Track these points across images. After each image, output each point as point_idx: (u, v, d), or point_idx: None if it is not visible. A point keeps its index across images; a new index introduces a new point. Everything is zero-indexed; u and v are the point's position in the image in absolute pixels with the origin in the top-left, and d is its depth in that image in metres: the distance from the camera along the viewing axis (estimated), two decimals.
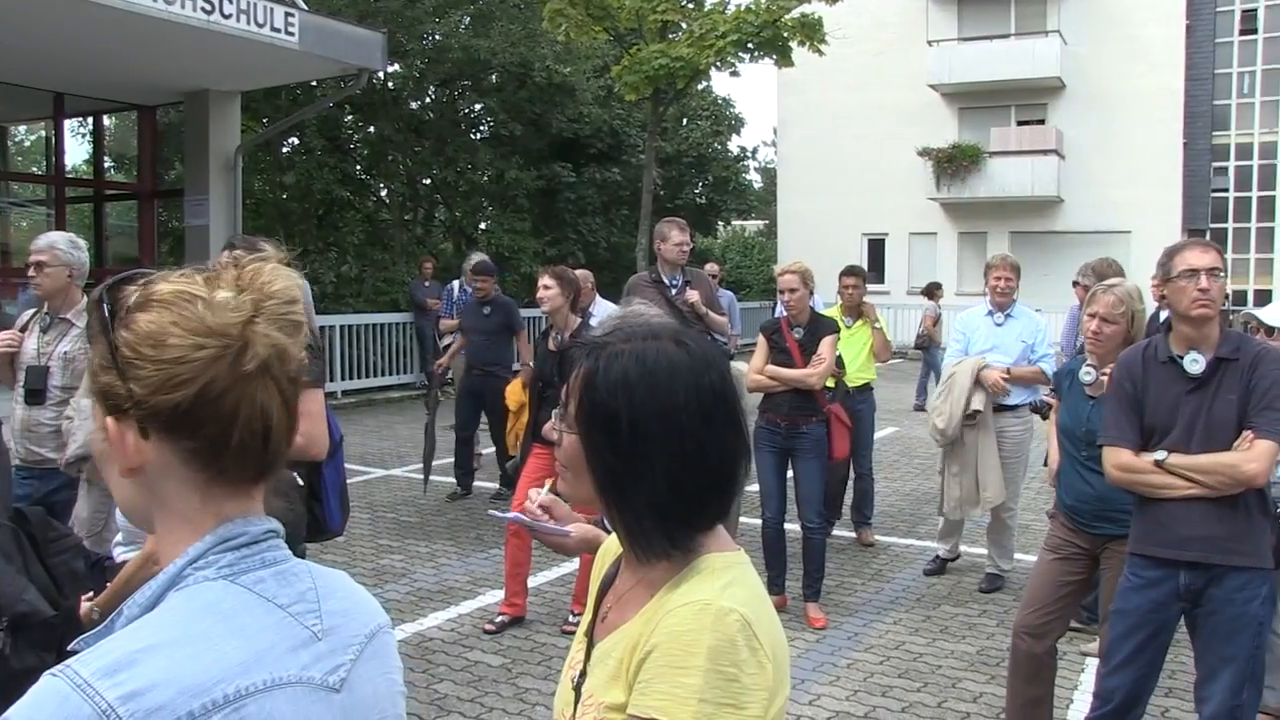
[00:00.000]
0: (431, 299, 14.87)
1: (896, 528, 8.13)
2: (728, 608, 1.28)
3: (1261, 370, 3.34)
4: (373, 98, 19.47)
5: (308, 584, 1.13)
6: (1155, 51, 26.81)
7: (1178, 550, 3.42)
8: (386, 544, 7.55)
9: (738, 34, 15.62)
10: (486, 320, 8.80)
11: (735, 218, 31.87)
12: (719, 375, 1.38)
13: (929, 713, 4.78)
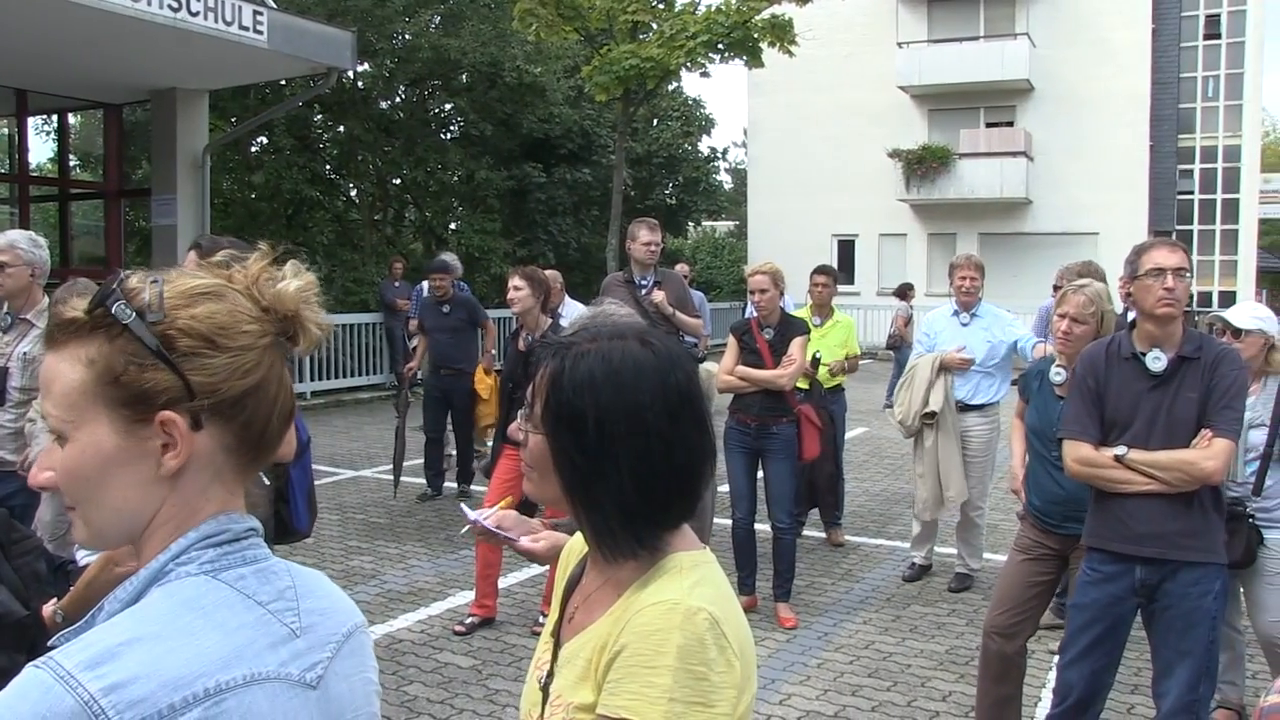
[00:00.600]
0: (401, 299, 14.81)
1: (866, 528, 8.16)
2: (696, 606, 1.28)
3: (1222, 370, 3.39)
4: (342, 97, 19.37)
5: (287, 582, 1.14)
6: (1122, 55, 27.07)
7: (1135, 546, 3.46)
8: (356, 545, 7.50)
9: (708, 35, 15.62)
10: (448, 318, 8.77)
11: (705, 218, 31.93)
12: (685, 375, 1.38)
13: (899, 711, 4.80)
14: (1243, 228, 32.36)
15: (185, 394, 1.05)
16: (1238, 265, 32.33)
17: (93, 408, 1.06)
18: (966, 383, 6.63)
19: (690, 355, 6.60)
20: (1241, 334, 4.27)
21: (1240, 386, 3.40)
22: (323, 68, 11.82)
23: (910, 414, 6.54)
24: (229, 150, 17.68)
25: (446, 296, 8.84)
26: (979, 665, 4.36)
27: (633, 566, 1.37)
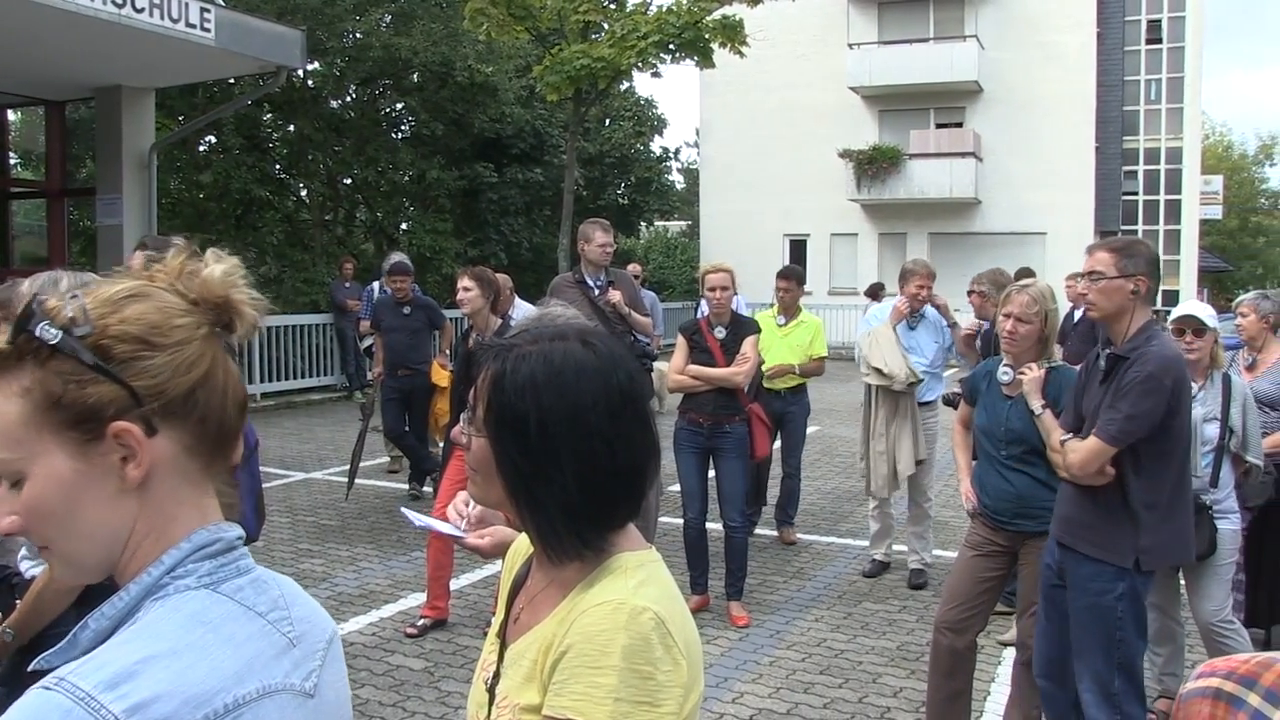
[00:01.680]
0: (352, 300, 14.69)
1: (818, 526, 8.21)
2: (641, 606, 1.28)
3: (1130, 371, 3.46)
4: (292, 96, 19.18)
5: (277, 591, 1.13)
6: (1068, 58, 27.45)
7: (1054, 525, 3.75)
8: (306, 548, 7.44)
9: (659, 35, 15.63)
10: (408, 320, 8.74)
11: (658, 218, 31.97)
12: (626, 375, 1.38)
13: (850, 708, 4.83)
14: (1185, 228, 32.93)
15: (132, 401, 1.02)
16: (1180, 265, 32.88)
17: (40, 439, 1.02)
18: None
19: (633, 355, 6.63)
20: (1204, 332, 4.39)
21: (1132, 387, 3.42)
22: (272, 66, 11.70)
23: (900, 369, 6.54)
24: (176, 149, 17.44)
25: (407, 298, 8.81)
26: (929, 660, 4.41)
27: (578, 567, 1.37)
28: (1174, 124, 33.84)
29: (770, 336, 7.41)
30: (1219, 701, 1.19)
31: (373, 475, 9.91)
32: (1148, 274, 3.52)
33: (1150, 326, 3.55)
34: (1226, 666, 1.22)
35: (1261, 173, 57.10)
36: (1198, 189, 33.73)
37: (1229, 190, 45.77)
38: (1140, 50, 34.10)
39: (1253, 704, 1.16)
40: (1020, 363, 4.14)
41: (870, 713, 4.79)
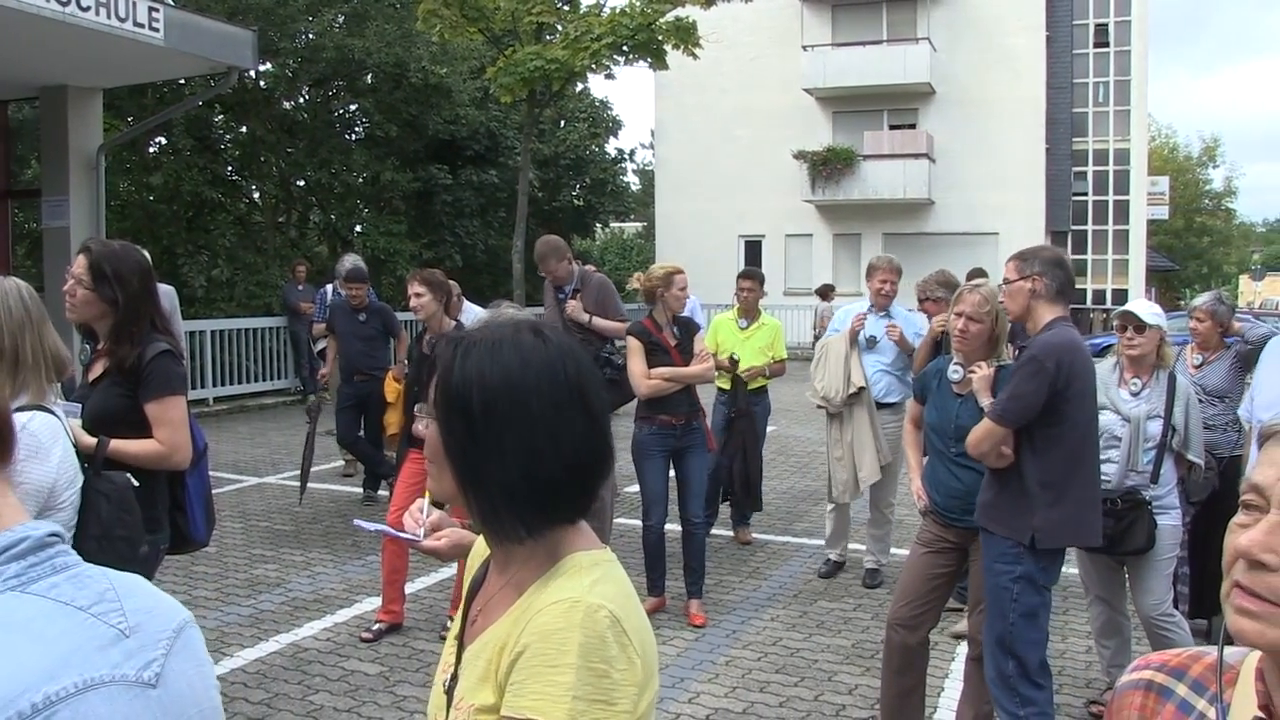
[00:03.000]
0: (305, 302, 14.58)
1: (774, 525, 8.25)
2: (596, 604, 1.29)
3: (1022, 357, 3.70)
4: (244, 97, 18.99)
5: (105, 584, 1.10)
6: (1018, 60, 27.80)
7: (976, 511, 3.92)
8: (260, 553, 7.37)
9: (613, 37, 15.64)
10: (363, 326, 8.67)
11: (613, 220, 32.02)
12: (575, 367, 1.39)
13: (805, 706, 4.86)
14: (1133, 228, 33.47)
15: None
16: (1129, 264, 33.40)
17: None
18: (878, 382, 6.77)
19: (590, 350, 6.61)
20: (1145, 328, 4.45)
21: (1020, 373, 3.66)
22: (223, 67, 11.59)
23: (834, 389, 6.64)
24: (125, 150, 17.22)
25: (363, 304, 8.74)
26: (883, 657, 4.44)
27: (532, 566, 1.39)
28: (1121, 126, 34.39)
29: (732, 339, 7.42)
30: (1150, 693, 1.23)
31: (327, 479, 9.84)
32: (1043, 272, 3.74)
33: (1056, 322, 3.73)
34: (1159, 659, 1.26)
35: (1205, 174, 58.10)
36: (1145, 189, 34.31)
37: (1175, 191, 46.55)
38: (1088, 53, 34.62)
39: (1180, 694, 1.20)
40: (970, 361, 4.19)
41: (826, 710, 4.82)
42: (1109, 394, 4.58)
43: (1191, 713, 1.18)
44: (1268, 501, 1.04)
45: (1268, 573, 1.01)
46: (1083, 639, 5.81)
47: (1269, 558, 1.01)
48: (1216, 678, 1.15)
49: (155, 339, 3.34)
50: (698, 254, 26.08)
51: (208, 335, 14.72)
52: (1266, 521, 1.03)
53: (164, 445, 3.30)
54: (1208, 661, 1.20)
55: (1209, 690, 1.17)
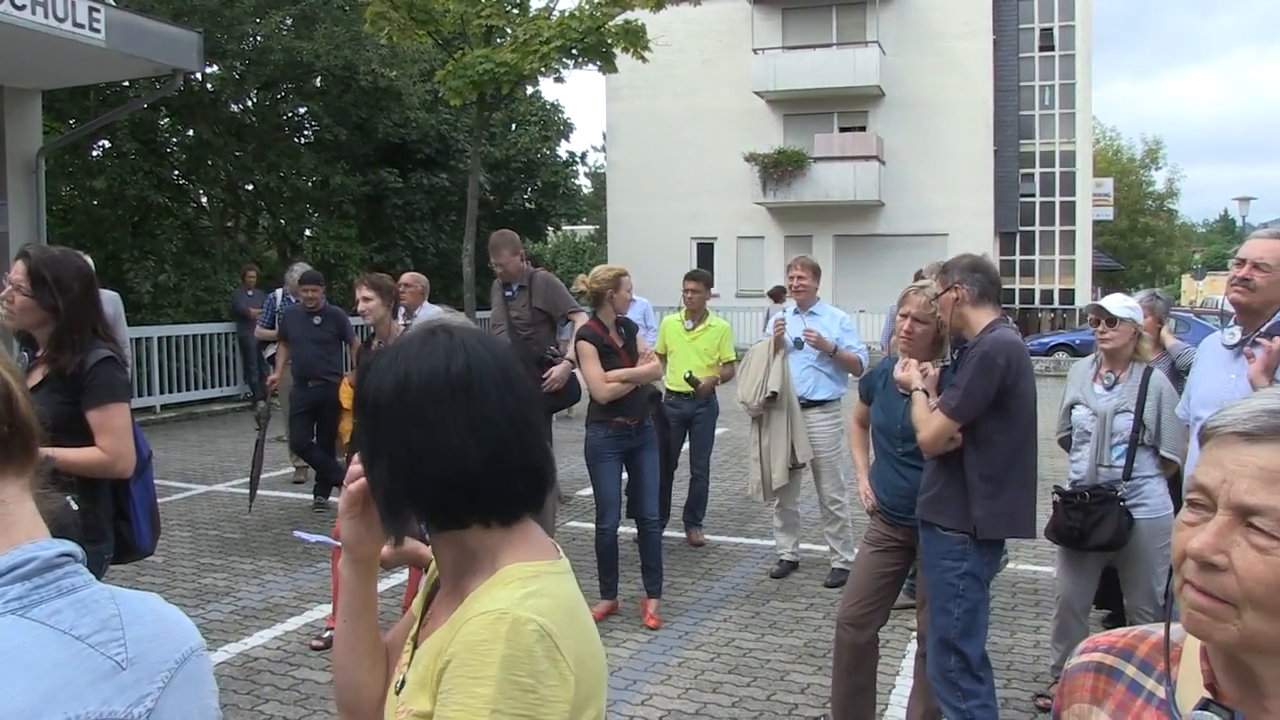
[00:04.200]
0: (255, 308, 14.43)
1: (726, 527, 8.28)
2: (525, 618, 1.27)
3: (968, 354, 3.74)
4: (190, 99, 18.75)
5: (110, 610, 1.07)
6: (966, 63, 28.12)
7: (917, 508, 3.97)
8: (209, 562, 7.28)
9: (562, 40, 15.61)
10: (318, 330, 8.59)
11: (565, 223, 31.97)
12: (463, 363, 1.35)
13: (758, 706, 4.89)
14: (1079, 228, 33.95)
15: None
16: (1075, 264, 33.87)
17: None
18: (805, 380, 6.82)
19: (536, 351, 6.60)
20: (1116, 321, 4.49)
21: (969, 365, 3.70)
22: (167, 69, 11.44)
23: (752, 394, 6.74)
24: (67, 154, 16.94)
25: (317, 308, 8.67)
26: (833, 656, 4.47)
27: (474, 573, 1.38)
28: (1067, 129, 34.87)
29: (678, 341, 7.45)
30: (1100, 674, 1.26)
31: (277, 486, 9.74)
32: (962, 280, 3.83)
33: (995, 324, 3.80)
34: (1107, 641, 1.29)
35: (1148, 176, 59.03)
36: (1090, 191, 34.84)
37: (1119, 192, 47.29)
38: (1034, 57, 35.07)
39: (1129, 674, 1.23)
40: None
41: (778, 710, 4.85)
42: (1083, 389, 4.64)
43: (1141, 692, 1.20)
44: (1214, 501, 1.06)
45: (1218, 573, 1.04)
46: (1030, 633, 5.89)
47: (1219, 559, 1.04)
48: (1164, 656, 1.18)
49: (97, 345, 3.30)
50: (650, 256, 26.14)
51: (155, 342, 14.52)
52: (1215, 523, 1.05)
53: (107, 453, 3.26)
54: (1153, 641, 1.23)
55: (1157, 669, 1.20)
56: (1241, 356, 3.80)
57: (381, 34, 16.54)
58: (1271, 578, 1.01)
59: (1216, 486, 1.07)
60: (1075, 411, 4.67)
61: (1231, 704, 1.09)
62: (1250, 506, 1.03)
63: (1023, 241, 34.75)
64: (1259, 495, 1.03)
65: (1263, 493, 1.03)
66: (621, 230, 30.36)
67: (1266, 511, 1.02)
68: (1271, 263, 3.71)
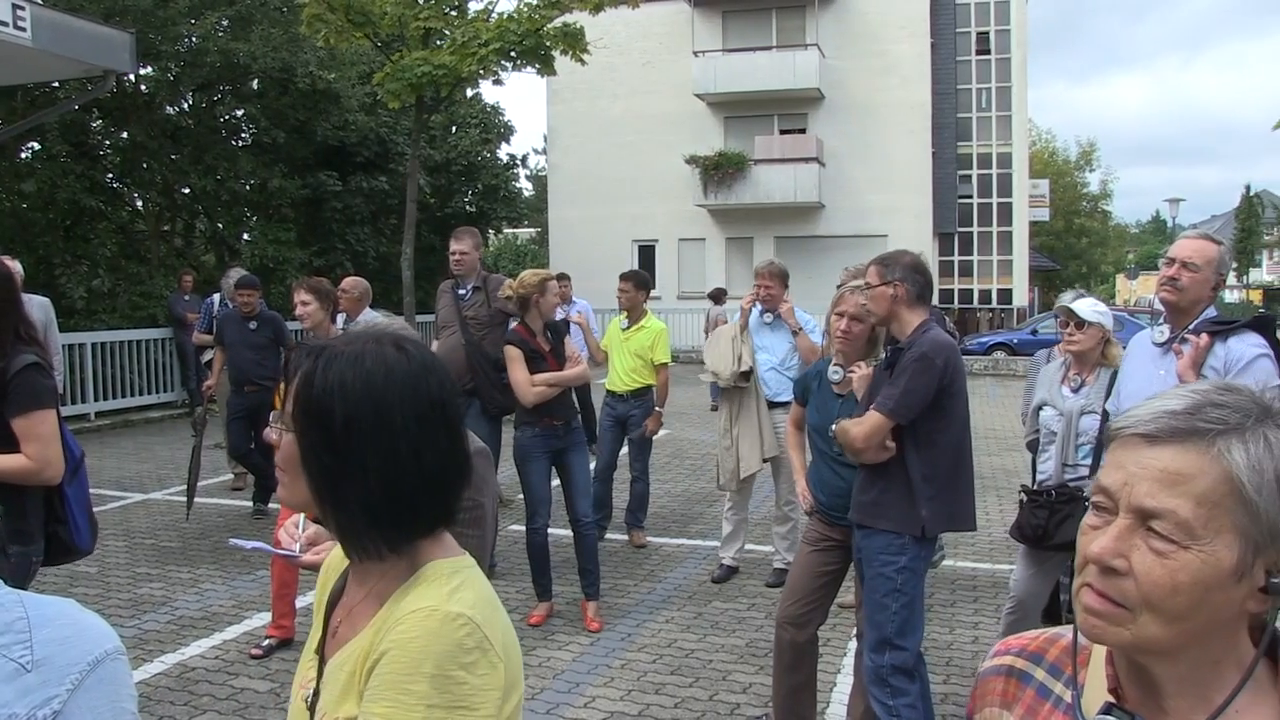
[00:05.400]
0: (192, 313, 14.26)
1: (669, 528, 8.30)
2: (455, 612, 1.30)
3: (906, 356, 3.78)
4: (123, 101, 18.44)
5: (16, 614, 1.06)
6: (904, 66, 28.43)
7: (850, 510, 4.00)
8: (145, 572, 7.17)
9: (500, 42, 15.52)
10: (254, 335, 8.50)
11: (506, 226, 31.83)
12: (437, 382, 1.40)
13: (701, 706, 4.91)
14: (1016, 229, 34.46)
15: None
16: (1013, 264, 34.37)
17: None
18: (769, 382, 6.86)
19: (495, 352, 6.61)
20: (1085, 325, 4.57)
21: (908, 366, 3.74)
22: (98, 70, 11.23)
23: (723, 365, 6.73)
24: None
25: (254, 313, 8.57)
26: (774, 655, 4.51)
27: (393, 576, 1.38)
28: (1004, 131, 35.39)
29: (613, 340, 7.50)
30: (1010, 678, 1.27)
31: (216, 494, 9.62)
32: (904, 279, 3.87)
33: (927, 323, 3.87)
34: (1018, 644, 1.29)
35: (1083, 177, 60.07)
36: (1027, 192, 35.37)
37: (1055, 194, 48.07)
38: (971, 61, 35.55)
39: (1039, 678, 1.24)
40: (851, 361, 4.29)
41: (720, 710, 4.88)
42: (1050, 391, 4.71)
43: (1049, 696, 1.21)
44: (1116, 504, 1.06)
45: (1118, 577, 1.04)
46: (968, 629, 5.97)
47: (1119, 563, 1.04)
48: (1072, 661, 1.18)
49: (20, 351, 3.24)
50: (592, 259, 26.13)
51: (88, 348, 14.26)
52: (1115, 527, 1.05)
53: (34, 461, 3.21)
54: (1064, 644, 1.24)
55: (1065, 674, 1.21)
56: (1170, 353, 3.88)
57: (318, 36, 16.36)
58: (1168, 582, 1.02)
59: (1118, 489, 1.06)
60: (1043, 413, 4.72)
61: (1133, 707, 1.10)
62: (1150, 510, 1.03)
63: (961, 242, 35.21)
64: (1159, 498, 1.03)
65: (1162, 495, 1.03)
66: (563, 233, 30.32)
67: (1165, 515, 1.02)
68: (1199, 263, 3.80)
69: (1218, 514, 1.02)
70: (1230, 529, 1.02)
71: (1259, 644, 1.07)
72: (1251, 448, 1.02)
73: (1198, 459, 1.03)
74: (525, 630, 5.83)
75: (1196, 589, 1.01)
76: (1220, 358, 3.72)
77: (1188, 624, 1.03)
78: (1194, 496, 1.02)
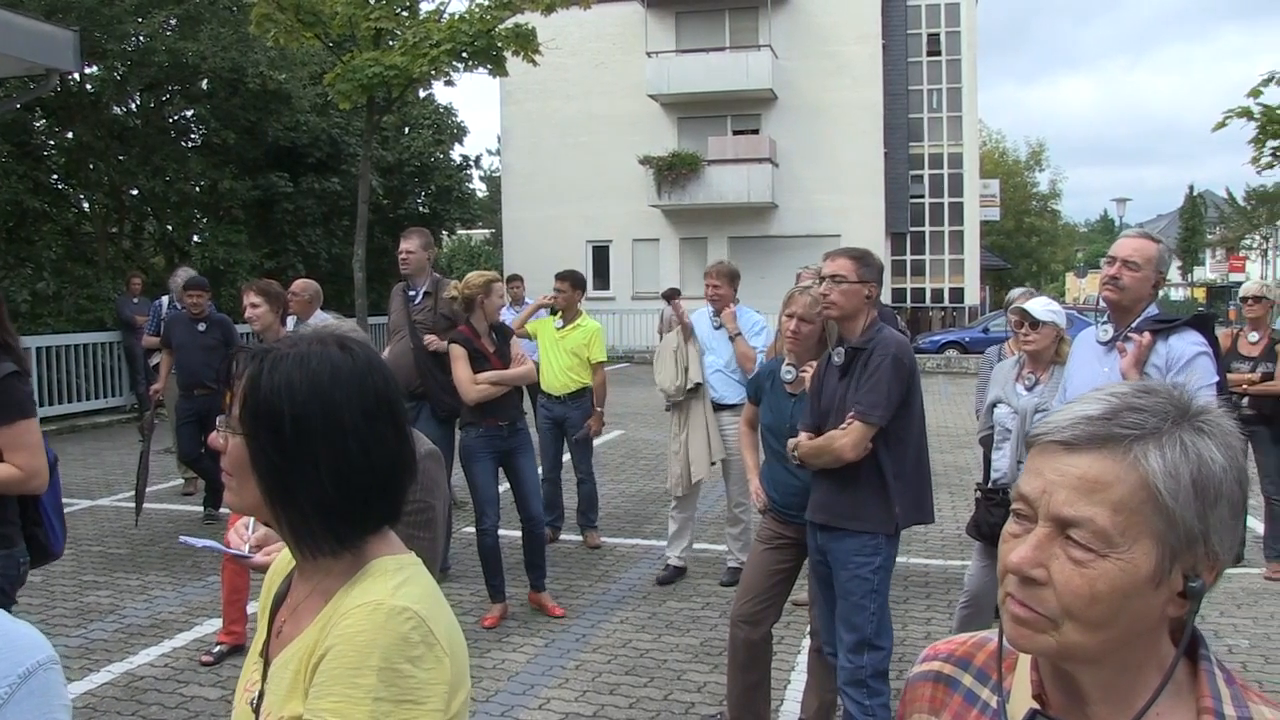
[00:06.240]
0: (140, 316, 14.07)
1: (623, 529, 8.30)
2: (401, 606, 1.30)
3: (874, 358, 3.78)
4: (68, 101, 18.16)
5: None
6: (856, 67, 28.61)
7: (813, 512, 3.96)
8: (92, 580, 7.06)
9: (451, 43, 15.46)
10: (203, 337, 8.39)
11: (460, 227, 31.71)
12: (382, 379, 1.42)
13: (655, 706, 4.92)
14: (967, 229, 34.80)
15: None
16: (964, 264, 34.71)
17: None
18: (716, 384, 6.88)
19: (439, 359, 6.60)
20: (1039, 324, 4.61)
21: (880, 371, 3.74)
22: (41, 68, 11.01)
23: (668, 380, 6.81)
24: None
25: (203, 315, 8.46)
26: (728, 654, 4.52)
27: (338, 573, 1.38)
28: (954, 131, 35.72)
29: (547, 339, 7.50)
30: (938, 684, 1.27)
31: (165, 499, 9.50)
32: (877, 281, 3.91)
33: (877, 322, 3.90)
34: (947, 649, 1.30)
35: (1032, 177, 60.81)
36: (977, 192, 35.73)
37: (1005, 193, 48.58)
38: (922, 62, 35.84)
39: (966, 684, 1.24)
40: (802, 361, 4.31)
41: (675, 709, 4.89)
42: (1005, 389, 4.75)
43: (976, 702, 1.21)
44: (1036, 512, 1.06)
45: (1038, 587, 1.04)
46: (921, 625, 6.03)
47: (1039, 573, 1.04)
48: (997, 666, 1.18)
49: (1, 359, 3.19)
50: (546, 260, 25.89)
51: (33, 352, 13.99)
52: (1035, 536, 1.05)
53: (23, 470, 3.17)
54: (990, 649, 1.24)
55: (992, 679, 1.21)
56: (1114, 351, 3.94)
57: (268, 36, 16.20)
58: (1087, 591, 1.01)
59: (1037, 497, 1.06)
60: (997, 410, 4.77)
61: (1057, 713, 1.10)
62: (1068, 518, 1.03)
63: (913, 241, 35.49)
64: (1076, 507, 1.02)
65: (1080, 504, 1.02)
66: (517, 234, 30.23)
67: (1083, 524, 1.02)
68: (1139, 261, 3.86)
69: (1135, 521, 1.02)
70: (1148, 535, 1.02)
71: (1179, 644, 1.07)
72: (1168, 453, 1.02)
73: (1114, 466, 1.02)
74: (480, 633, 5.82)
75: (1115, 597, 1.01)
76: (1162, 355, 3.78)
77: (1109, 631, 1.03)
78: (1111, 504, 1.02)
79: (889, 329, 3.91)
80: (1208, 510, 1.03)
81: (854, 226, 27.20)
